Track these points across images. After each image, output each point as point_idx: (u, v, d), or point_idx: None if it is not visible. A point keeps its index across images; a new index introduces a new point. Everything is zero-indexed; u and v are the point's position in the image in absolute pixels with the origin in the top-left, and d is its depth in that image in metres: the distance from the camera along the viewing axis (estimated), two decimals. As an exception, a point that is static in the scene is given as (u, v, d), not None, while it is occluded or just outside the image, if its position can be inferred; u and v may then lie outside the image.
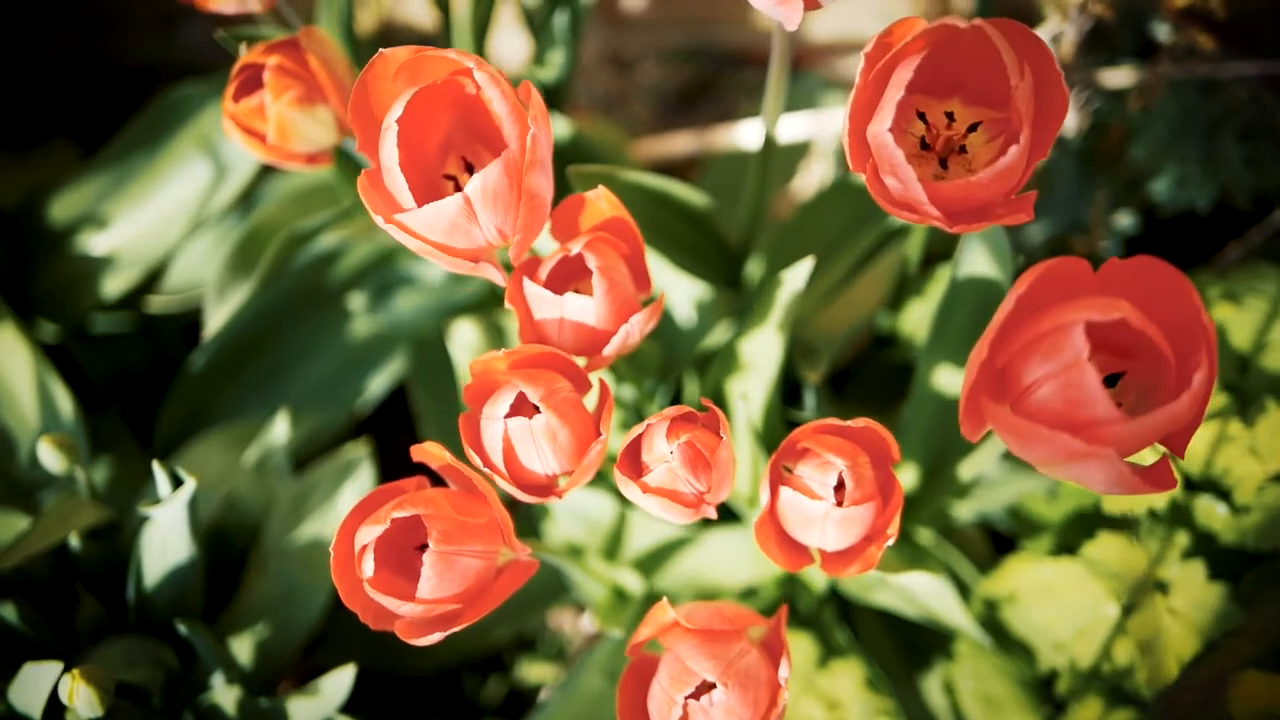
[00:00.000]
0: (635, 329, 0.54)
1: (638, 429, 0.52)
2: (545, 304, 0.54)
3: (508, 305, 0.54)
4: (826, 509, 0.52)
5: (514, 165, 0.50)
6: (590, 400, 0.54)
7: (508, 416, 0.51)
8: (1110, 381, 0.49)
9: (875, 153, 0.49)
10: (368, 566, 0.50)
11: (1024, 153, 0.47)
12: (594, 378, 0.55)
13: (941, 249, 0.83)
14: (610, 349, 0.54)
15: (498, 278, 0.52)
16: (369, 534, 0.50)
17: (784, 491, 0.53)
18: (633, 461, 0.53)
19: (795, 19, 0.51)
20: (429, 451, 0.52)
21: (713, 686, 0.52)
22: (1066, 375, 0.44)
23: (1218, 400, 0.68)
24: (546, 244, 0.58)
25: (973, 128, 0.52)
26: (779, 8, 0.51)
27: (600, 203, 0.55)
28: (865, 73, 0.49)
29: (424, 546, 0.50)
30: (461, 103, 0.52)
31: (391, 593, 0.50)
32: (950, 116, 0.52)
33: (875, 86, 0.49)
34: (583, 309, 0.53)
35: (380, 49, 0.51)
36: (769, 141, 0.69)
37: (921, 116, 0.53)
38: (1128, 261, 0.46)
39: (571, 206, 0.56)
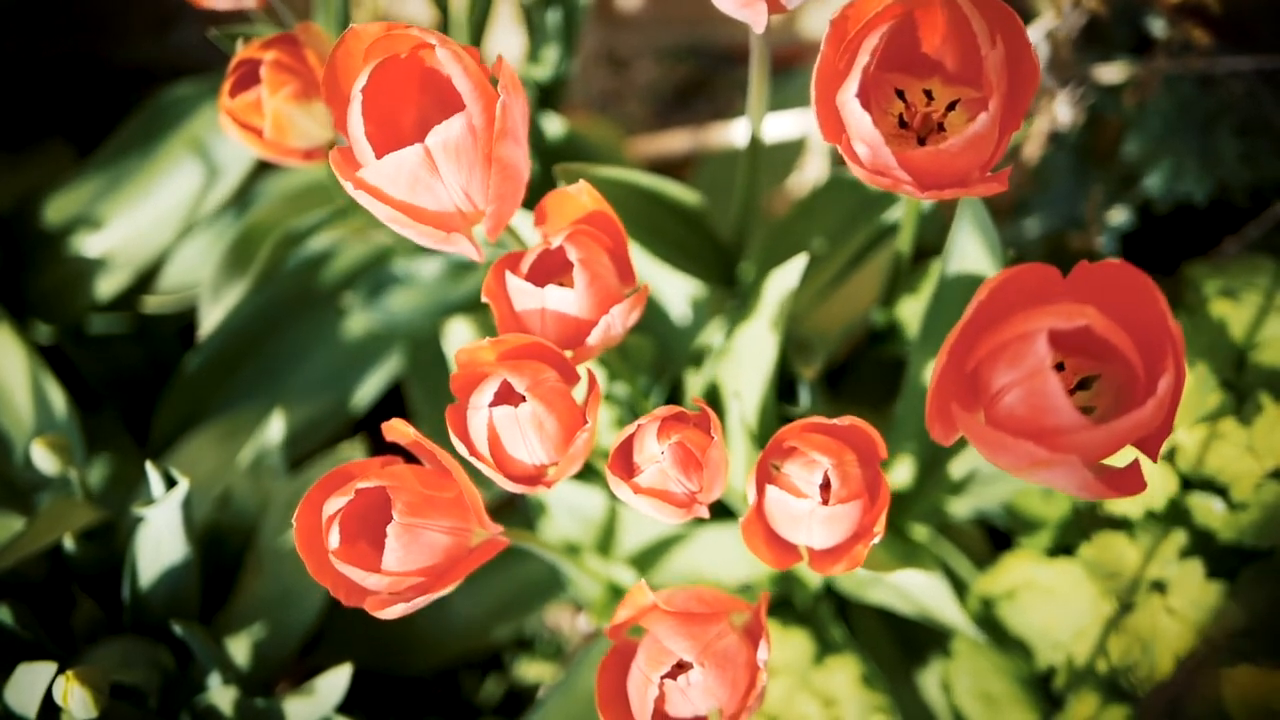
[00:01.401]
0: (617, 320, 0.54)
1: (629, 429, 0.52)
2: (527, 297, 0.54)
3: (484, 299, 0.54)
4: (812, 507, 0.52)
5: (478, 130, 0.49)
6: (579, 392, 0.54)
7: (493, 405, 0.51)
8: (1086, 384, 0.49)
9: (844, 120, 0.49)
10: (334, 538, 0.50)
11: (994, 121, 0.47)
12: (581, 369, 0.55)
13: (936, 244, 0.83)
14: (593, 340, 0.54)
15: (471, 251, 0.52)
16: (334, 505, 0.50)
17: (770, 490, 0.53)
18: (624, 462, 0.53)
19: (761, 21, 0.51)
20: (398, 429, 0.52)
21: (690, 667, 0.51)
22: (1030, 383, 0.44)
23: (1213, 398, 0.68)
24: (533, 238, 0.58)
25: (951, 106, 0.52)
26: (744, 11, 0.51)
27: (582, 197, 0.55)
28: (831, 42, 0.49)
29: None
30: (432, 81, 0.51)
31: (359, 565, 0.50)
32: (929, 95, 0.52)
33: (846, 58, 0.49)
34: (564, 301, 0.53)
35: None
36: (755, 140, 0.69)
37: (901, 95, 0.53)
38: (1097, 266, 0.46)
39: (553, 201, 0.56)
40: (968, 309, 0.46)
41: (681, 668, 0.52)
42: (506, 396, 0.52)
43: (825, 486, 0.52)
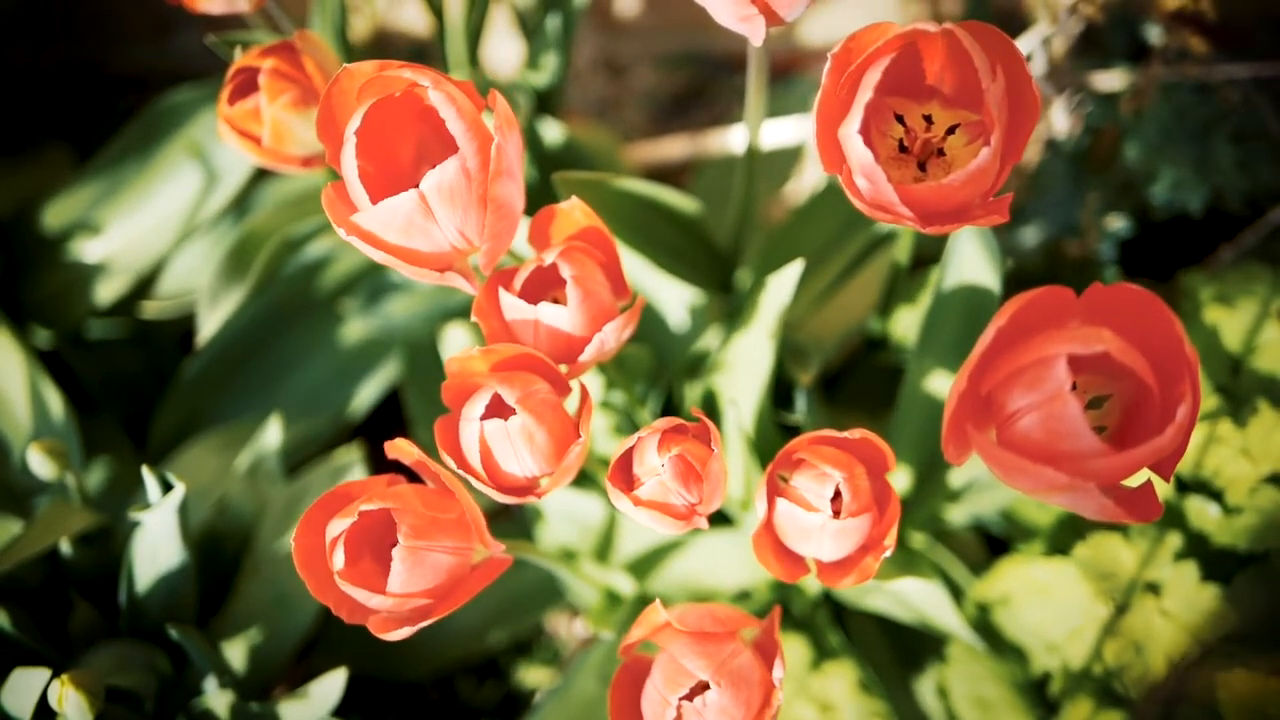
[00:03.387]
0: (610, 336, 0.54)
1: (629, 441, 0.52)
2: (520, 313, 0.54)
3: (474, 318, 0.54)
4: (823, 521, 0.52)
5: (472, 171, 0.49)
6: (571, 404, 0.54)
7: (484, 418, 0.51)
8: (1097, 403, 0.49)
9: (845, 153, 0.49)
10: (338, 559, 0.50)
11: (996, 155, 0.47)
12: (574, 383, 0.55)
13: (933, 252, 0.83)
14: (586, 356, 0.54)
15: (466, 286, 0.52)
16: (339, 527, 0.50)
17: (780, 503, 0.53)
18: (624, 474, 0.53)
19: (759, 35, 0.52)
20: (401, 448, 0.52)
21: (706, 687, 0.51)
22: (1049, 407, 0.44)
23: (1209, 402, 0.68)
24: (527, 252, 0.58)
25: (951, 130, 0.52)
26: (743, 24, 0.51)
27: (575, 213, 0.55)
28: (833, 74, 0.49)
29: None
30: (429, 114, 0.52)
31: (363, 586, 0.50)
32: (929, 120, 0.52)
33: (847, 89, 0.49)
34: (558, 318, 0.53)
35: (364, 59, 0.51)
36: (752, 148, 0.69)
37: (900, 120, 0.53)
38: (1111, 289, 0.46)
39: (546, 218, 0.56)
40: (987, 331, 0.45)
41: (698, 688, 0.52)
42: (498, 408, 0.52)
43: (835, 500, 0.52)
